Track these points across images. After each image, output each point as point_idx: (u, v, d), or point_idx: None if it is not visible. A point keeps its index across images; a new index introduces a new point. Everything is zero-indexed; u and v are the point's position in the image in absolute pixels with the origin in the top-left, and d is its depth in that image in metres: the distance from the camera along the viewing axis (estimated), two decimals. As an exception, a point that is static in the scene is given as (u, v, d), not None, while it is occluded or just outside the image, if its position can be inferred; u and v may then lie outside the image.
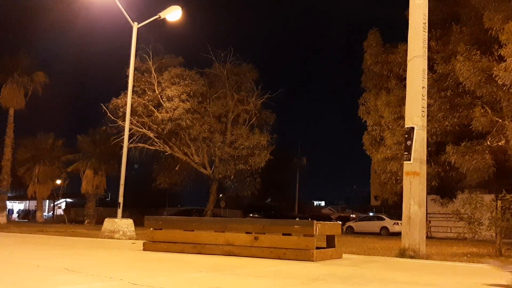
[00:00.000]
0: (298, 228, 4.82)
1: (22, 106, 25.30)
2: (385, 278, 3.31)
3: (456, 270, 4.45)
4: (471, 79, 11.82)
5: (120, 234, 9.89)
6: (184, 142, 21.18)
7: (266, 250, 4.87)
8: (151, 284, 2.61)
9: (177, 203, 39.81)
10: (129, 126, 12.60)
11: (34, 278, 2.89)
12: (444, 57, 13.37)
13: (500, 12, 11.45)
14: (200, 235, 5.34)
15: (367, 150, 15.76)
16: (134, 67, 12.52)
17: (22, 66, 25.48)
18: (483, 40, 12.44)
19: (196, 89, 20.57)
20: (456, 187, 15.70)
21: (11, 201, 42.33)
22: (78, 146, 29.58)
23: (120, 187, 11.15)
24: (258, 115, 22.46)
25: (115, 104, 19.83)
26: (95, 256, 4.77)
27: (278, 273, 3.60)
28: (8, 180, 24.76)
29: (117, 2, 11.87)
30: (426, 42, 6.83)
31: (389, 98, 14.56)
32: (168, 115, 19.74)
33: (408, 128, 6.56)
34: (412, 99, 6.68)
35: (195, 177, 24.37)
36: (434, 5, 12.91)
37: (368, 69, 15.80)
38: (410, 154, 6.42)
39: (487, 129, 12.16)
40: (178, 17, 12.63)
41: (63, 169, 30.29)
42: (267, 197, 36.95)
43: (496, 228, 7.45)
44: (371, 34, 15.72)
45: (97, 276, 2.99)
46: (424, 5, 6.86)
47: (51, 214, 41.44)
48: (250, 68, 22.59)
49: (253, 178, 22.95)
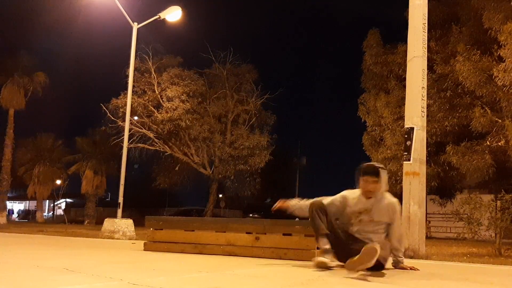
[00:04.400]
0: (299, 228, 4.82)
1: (22, 106, 25.32)
2: (385, 278, 3.32)
3: (458, 270, 4.46)
4: (470, 79, 11.84)
5: (120, 234, 9.90)
6: (184, 142, 21.20)
7: (267, 250, 4.88)
8: (151, 284, 2.62)
9: (177, 203, 39.82)
10: (129, 127, 12.61)
11: (33, 278, 2.89)
12: (444, 57, 13.38)
13: (500, 12, 11.46)
14: (201, 235, 5.34)
15: (367, 151, 15.77)
16: (134, 67, 12.53)
17: (22, 67, 25.50)
18: (482, 41, 12.45)
19: (195, 89, 20.59)
20: (456, 187, 15.71)
21: (11, 201, 42.35)
22: (78, 147, 29.60)
23: (120, 187, 11.16)
24: (258, 115, 22.49)
25: (115, 104, 19.85)
26: (95, 256, 4.78)
27: (278, 273, 3.61)
28: (8, 180, 24.77)
29: (117, 2, 11.87)
30: (425, 43, 6.83)
31: (388, 98, 14.58)
32: (168, 115, 19.76)
33: (407, 129, 6.56)
34: (411, 100, 6.68)
35: (195, 177, 24.41)
36: (433, 5, 12.94)
37: (367, 70, 15.82)
38: (410, 154, 6.42)
39: (486, 129, 12.17)
40: (178, 18, 12.64)
41: (63, 169, 30.32)
42: (267, 197, 36.93)
43: (496, 228, 7.46)
44: (371, 34, 15.74)
45: (97, 276, 3.00)
46: (424, 6, 6.87)
47: (51, 214, 41.44)
48: (249, 68, 22.63)
49: (253, 178, 22.97)
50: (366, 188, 3.83)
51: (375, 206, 3.86)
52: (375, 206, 3.86)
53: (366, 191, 3.85)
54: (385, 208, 3.87)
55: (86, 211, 29.37)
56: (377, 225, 3.87)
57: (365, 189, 3.85)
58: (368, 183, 3.81)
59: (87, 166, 28.14)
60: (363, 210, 3.86)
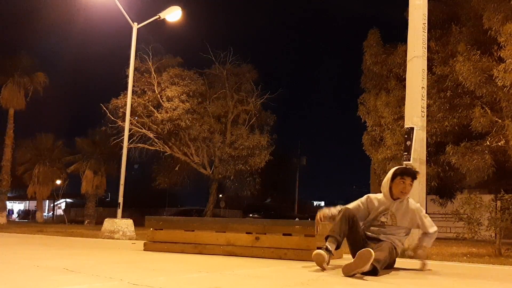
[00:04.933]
0: (299, 228, 4.82)
1: (23, 106, 25.33)
2: (385, 279, 3.32)
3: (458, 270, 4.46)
4: (470, 79, 11.82)
5: (120, 234, 9.90)
6: (184, 142, 21.20)
7: (267, 250, 4.88)
8: (151, 284, 2.62)
9: (177, 203, 39.86)
10: (129, 127, 12.61)
11: (33, 278, 2.89)
12: (444, 57, 13.36)
13: (500, 12, 11.45)
14: (201, 236, 5.34)
15: (367, 151, 15.75)
16: (134, 67, 12.53)
17: (22, 67, 25.51)
18: (482, 41, 12.44)
19: (195, 89, 20.60)
20: (456, 187, 15.69)
21: (11, 201, 42.37)
22: (78, 147, 29.61)
23: (120, 187, 11.17)
24: (258, 115, 22.50)
25: (115, 105, 19.86)
26: (95, 256, 4.78)
27: (278, 273, 3.61)
28: (8, 180, 24.78)
29: (117, 2, 11.88)
30: (425, 43, 6.84)
31: (388, 98, 14.56)
32: (168, 115, 19.76)
33: (407, 129, 6.57)
34: (411, 100, 6.69)
35: (195, 177, 24.42)
36: (433, 5, 12.92)
37: (367, 70, 15.80)
38: (410, 155, 6.42)
39: (486, 130, 12.15)
40: (178, 18, 12.65)
41: (63, 169, 30.33)
42: (266, 197, 36.97)
43: (496, 228, 7.46)
44: (371, 33, 15.71)
45: (97, 276, 3.00)
46: (423, 6, 6.87)
47: (51, 214, 41.44)
48: (249, 68, 22.64)
49: (253, 178, 22.98)
50: (402, 188, 3.83)
51: (400, 209, 3.87)
52: (400, 209, 3.87)
53: (399, 192, 3.84)
54: (409, 214, 3.89)
55: (86, 211, 29.38)
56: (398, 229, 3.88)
57: (400, 190, 3.83)
58: (405, 184, 3.82)
59: (87, 166, 28.15)
60: (386, 211, 3.87)
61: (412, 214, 3.91)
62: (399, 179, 3.84)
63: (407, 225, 3.91)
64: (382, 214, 3.88)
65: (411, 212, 3.91)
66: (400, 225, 3.87)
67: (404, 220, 3.88)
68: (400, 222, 3.87)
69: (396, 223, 3.86)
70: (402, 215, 3.87)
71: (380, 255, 3.43)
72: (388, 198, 3.89)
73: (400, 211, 3.87)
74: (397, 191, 3.85)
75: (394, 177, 3.86)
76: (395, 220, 3.86)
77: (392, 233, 3.86)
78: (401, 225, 3.88)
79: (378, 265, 3.31)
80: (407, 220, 3.89)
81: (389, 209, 3.87)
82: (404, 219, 3.88)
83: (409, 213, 3.90)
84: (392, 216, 3.86)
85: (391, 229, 3.87)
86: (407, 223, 3.90)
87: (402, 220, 3.87)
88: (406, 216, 3.89)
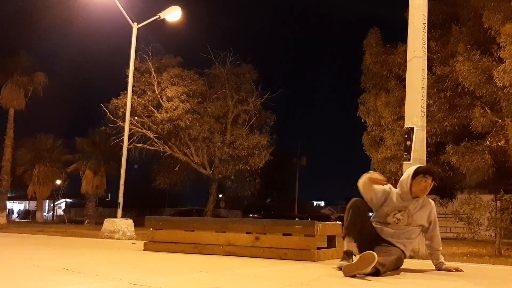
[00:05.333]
0: (299, 228, 4.82)
1: (22, 106, 25.35)
2: (386, 279, 3.32)
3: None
4: (470, 79, 11.82)
5: (120, 234, 9.90)
6: (184, 142, 21.20)
7: (267, 250, 4.88)
8: (151, 284, 2.62)
9: (177, 203, 39.86)
10: (129, 127, 12.61)
11: (33, 278, 2.89)
12: (444, 57, 13.36)
13: (499, 12, 11.44)
14: (201, 236, 5.34)
15: (367, 151, 15.75)
16: (134, 67, 12.53)
17: (22, 67, 25.52)
18: (482, 41, 12.44)
19: (195, 89, 20.60)
20: (456, 187, 15.70)
21: (11, 201, 42.37)
22: (78, 147, 29.63)
23: (120, 187, 11.17)
24: (257, 115, 22.50)
25: (115, 105, 19.85)
26: (95, 256, 4.78)
27: (278, 273, 3.61)
28: (8, 180, 24.79)
29: (116, 2, 11.88)
30: (425, 43, 6.84)
31: (388, 98, 14.56)
32: (168, 116, 19.76)
33: (407, 129, 6.56)
34: (411, 100, 6.69)
35: (195, 177, 24.42)
36: (433, 5, 12.91)
37: (367, 70, 15.79)
38: (410, 155, 6.42)
39: (486, 129, 12.15)
40: (178, 18, 12.66)
41: (63, 169, 30.34)
42: (266, 197, 36.94)
43: (496, 228, 7.46)
44: (371, 33, 15.70)
45: (97, 276, 2.99)
46: (423, 6, 6.87)
47: (51, 214, 41.45)
48: (249, 68, 22.64)
49: (252, 178, 22.98)
50: (424, 187, 3.80)
51: (417, 208, 3.85)
52: (417, 208, 3.85)
53: (419, 190, 3.81)
54: (427, 211, 3.89)
55: (86, 211, 29.39)
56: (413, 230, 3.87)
57: (421, 189, 3.80)
58: (427, 183, 3.80)
59: (87, 166, 28.17)
60: (403, 208, 3.83)
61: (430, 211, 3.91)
62: (421, 177, 3.80)
63: (425, 223, 3.90)
64: (399, 211, 3.86)
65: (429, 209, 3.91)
66: (415, 225, 3.86)
67: (422, 218, 3.87)
68: (419, 220, 3.86)
69: (412, 223, 3.84)
70: (419, 214, 3.86)
71: (386, 260, 3.39)
72: (408, 196, 3.85)
73: (417, 209, 3.86)
74: (417, 190, 3.81)
75: (416, 175, 3.82)
76: (411, 219, 3.83)
77: (407, 237, 3.85)
78: (419, 223, 3.87)
79: (382, 269, 3.28)
80: (424, 218, 3.89)
81: (408, 208, 3.84)
82: (422, 216, 3.88)
83: (427, 210, 3.90)
84: (409, 215, 3.84)
85: (406, 232, 3.85)
86: (425, 220, 3.89)
87: (420, 218, 3.87)
88: (422, 213, 3.87)
